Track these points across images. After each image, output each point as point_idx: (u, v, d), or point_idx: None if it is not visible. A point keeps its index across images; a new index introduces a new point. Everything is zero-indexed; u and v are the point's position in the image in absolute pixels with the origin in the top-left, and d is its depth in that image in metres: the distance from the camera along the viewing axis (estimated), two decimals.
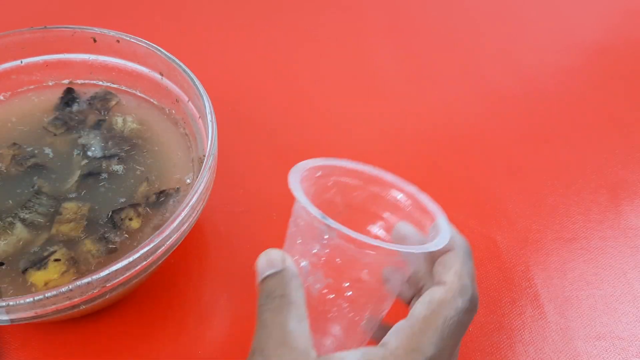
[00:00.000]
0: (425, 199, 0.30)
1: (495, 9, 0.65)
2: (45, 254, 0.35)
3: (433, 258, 0.27)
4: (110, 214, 0.37)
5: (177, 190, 0.39)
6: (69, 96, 0.44)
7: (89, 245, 0.35)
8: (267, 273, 0.25)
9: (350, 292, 0.27)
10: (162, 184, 0.39)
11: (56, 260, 0.34)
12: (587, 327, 0.38)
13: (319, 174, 0.30)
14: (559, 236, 0.44)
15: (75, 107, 0.43)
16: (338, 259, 0.26)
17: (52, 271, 0.34)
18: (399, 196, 0.31)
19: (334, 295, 0.27)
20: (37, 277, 0.34)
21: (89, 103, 0.44)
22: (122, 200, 0.38)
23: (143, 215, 0.37)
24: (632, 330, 0.38)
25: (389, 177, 0.31)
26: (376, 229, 0.31)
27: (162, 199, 0.38)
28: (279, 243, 0.42)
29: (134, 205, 0.37)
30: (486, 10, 0.65)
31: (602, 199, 0.46)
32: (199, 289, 0.39)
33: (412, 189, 0.30)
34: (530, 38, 0.62)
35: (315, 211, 0.25)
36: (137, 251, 0.30)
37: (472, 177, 0.47)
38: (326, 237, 0.26)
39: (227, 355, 0.36)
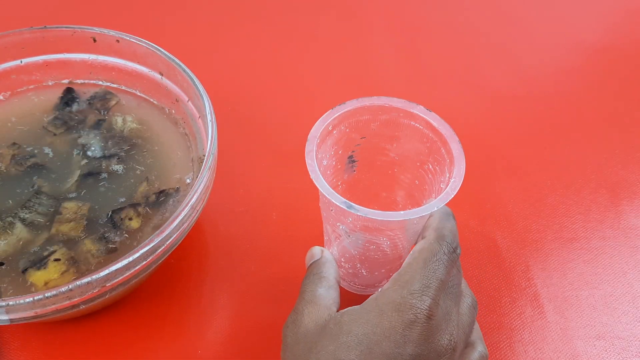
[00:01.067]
0: (435, 120, 0.33)
1: (495, 9, 0.65)
2: (45, 253, 0.35)
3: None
4: (110, 213, 0.37)
5: (177, 190, 0.39)
6: (68, 96, 0.44)
7: (89, 245, 0.35)
8: (311, 262, 0.34)
9: (376, 247, 0.34)
10: (162, 184, 0.39)
11: (56, 260, 0.34)
12: (586, 327, 0.39)
13: (329, 128, 0.33)
14: (559, 236, 0.44)
15: (75, 107, 0.43)
16: (368, 224, 0.32)
17: (52, 271, 0.34)
18: (407, 120, 0.34)
19: (374, 247, 0.34)
20: (37, 277, 0.34)
21: (89, 103, 0.44)
22: (122, 200, 0.38)
23: (143, 215, 0.37)
24: (631, 330, 0.38)
25: (395, 102, 0.34)
26: (392, 150, 0.36)
27: (162, 198, 0.38)
28: (279, 243, 0.42)
29: (134, 205, 0.37)
30: (486, 10, 0.65)
31: (602, 199, 0.46)
32: (199, 288, 0.39)
33: (419, 109, 0.34)
34: (530, 38, 0.62)
35: (339, 200, 0.29)
36: (137, 251, 0.30)
37: (472, 177, 0.47)
38: (350, 219, 0.32)
39: (227, 355, 0.36)
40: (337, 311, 0.31)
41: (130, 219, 0.37)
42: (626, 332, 0.38)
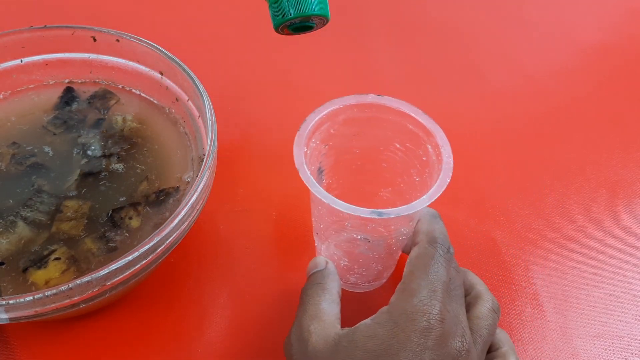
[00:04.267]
0: (419, 116, 0.34)
1: (495, 9, 0.65)
2: (46, 252, 0.35)
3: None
4: (110, 212, 0.37)
5: (177, 189, 0.39)
6: (68, 95, 0.44)
7: (89, 244, 0.35)
8: (313, 270, 0.33)
9: (371, 244, 0.34)
10: (161, 183, 0.39)
11: (56, 259, 0.34)
12: (586, 326, 0.39)
13: (305, 149, 0.33)
14: (559, 235, 0.44)
15: (74, 106, 0.43)
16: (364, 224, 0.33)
17: (52, 270, 0.34)
18: (363, 113, 0.35)
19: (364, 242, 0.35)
20: (38, 276, 0.34)
21: (89, 102, 0.44)
22: (122, 199, 0.38)
23: (143, 214, 0.37)
24: (631, 330, 0.39)
25: (347, 100, 0.35)
26: (356, 146, 0.37)
27: (162, 197, 0.38)
28: (279, 242, 0.42)
29: (134, 204, 0.37)
30: (486, 9, 0.65)
31: (602, 199, 0.46)
32: (199, 288, 0.39)
33: (370, 97, 0.34)
34: (530, 38, 0.62)
35: (329, 199, 0.30)
36: (137, 250, 0.30)
37: (471, 176, 0.47)
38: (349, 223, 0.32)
39: (227, 355, 0.36)
40: (341, 327, 0.31)
41: (131, 218, 0.37)
42: (626, 332, 0.38)
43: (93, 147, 0.41)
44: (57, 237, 0.36)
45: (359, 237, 0.34)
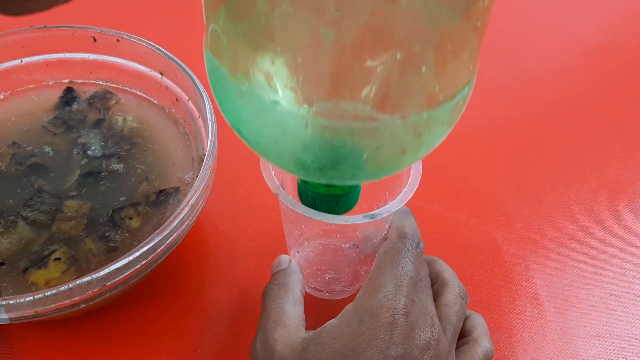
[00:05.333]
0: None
1: (495, 9, 0.65)
2: (46, 252, 0.35)
3: None
4: (110, 212, 0.37)
5: (177, 189, 0.39)
6: (68, 95, 0.44)
7: (90, 244, 0.35)
8: (277, 269, 0.33)
9: (359, 249, 0.34)
10: (162, 183, 0.39)
11: (57, 259, 0.34)
12: (586, 327, 0.39)
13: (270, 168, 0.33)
14: (559, 235, 0.44)
15: (75, 107, 0.43)
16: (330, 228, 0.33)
17: (53, 270, 0.34)
18: None
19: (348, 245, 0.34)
20: (38, 276, 0.34)
21: (89, 102, 0.44)
22: (123, 199, 0.38)
23: (143, 215, 0.37)
24: (631, 330, 0.38)
25: None
26: None
27: (162, 198, 0.38)
28: (279, 242, 0.42)
29: (134, 205, 0.37)
30: None
31: (602, 199, 0.46)
32: (199, 289, 0.39)
33: None
34: (530, 37, 0.62)
35: (299, 209, 0.29)
36: (137, 250, 0.30)
37: (471, 176, 0.47)
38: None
39: (227, 355, 0.36)
40: (306, 329, 0.30)
41: (131, 218, 0.37)
42: (626, 332, 0.38)
43: (93, 147, 0.41)
44: (58, 237, 0.36)
45: (347, 246, 0.34)
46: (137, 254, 0.30)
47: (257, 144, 0.23)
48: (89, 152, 0.41)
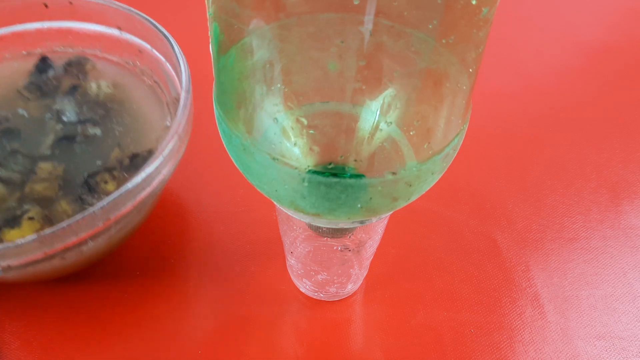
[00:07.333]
0: None
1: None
2: (19, 212, 0.35)
3: None
4: (85, 176, 0.37)
5: (150, 152, 0.39)
6: (42, 64, 0.44)
7: (64, 206, 0.36)
8: None
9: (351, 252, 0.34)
10: (136, 147, 0.40)
11: (30, 218, 0.34)
12: (587, 327, 0.38)
13: None
14: (559, 236, 0.44)
15: (51, 73, 0.44)
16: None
17: (26, 229, 0.34)
18: None
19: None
20: (12, 235, 0.34)
21: (65, 69, 0.44)
22: (99, 162, 0.38)
23: (118, 179, 0.37)
24: (632, 330, 0.38)
25: None
26: None
27: (136, 161, 0.38)
28: (279, 243, 0.42)
29: (109, 169, 0.38)
30: None
31: (602, 199, 0.46)
32: (198, 289, 0.39)
33: None
34: (530, 37, 0.62)
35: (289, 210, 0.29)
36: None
37: (471, 177, 0.47)
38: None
39: (227, 355, 0.36)
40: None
41: (106, 182, 0.37)
42: (627, 332, 0.38)
43: (68, 113, 0.41)
44: (31, 196, 0.36)
45: (339, 248, 0.34)
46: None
47: (260, 188, 0.25)
48: (64, 118, 0.41)
